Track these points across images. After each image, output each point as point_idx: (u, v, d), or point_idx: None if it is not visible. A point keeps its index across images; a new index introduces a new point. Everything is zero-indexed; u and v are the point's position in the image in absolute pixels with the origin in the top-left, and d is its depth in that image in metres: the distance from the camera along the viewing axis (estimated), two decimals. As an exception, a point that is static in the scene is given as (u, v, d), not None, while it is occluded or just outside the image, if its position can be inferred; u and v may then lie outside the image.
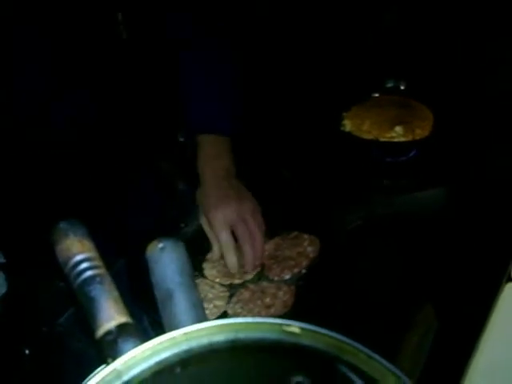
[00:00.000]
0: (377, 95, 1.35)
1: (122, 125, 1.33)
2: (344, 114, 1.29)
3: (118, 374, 0.40)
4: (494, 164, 1.14)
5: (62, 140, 1.25)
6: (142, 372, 0.40)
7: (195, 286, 0.52)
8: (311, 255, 1.03)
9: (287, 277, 1.00)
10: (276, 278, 1.01)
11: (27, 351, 0.98)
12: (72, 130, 1.27)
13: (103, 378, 0.40)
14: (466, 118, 1.22)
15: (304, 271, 1.01)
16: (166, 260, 0.51)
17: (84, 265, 0.49)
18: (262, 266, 1.04)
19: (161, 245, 0.52)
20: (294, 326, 0.41)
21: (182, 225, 1.16)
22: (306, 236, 1.06)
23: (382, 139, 1.21)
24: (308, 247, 1.04)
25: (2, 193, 1.24)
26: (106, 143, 1.28)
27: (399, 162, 1.21)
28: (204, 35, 1.26)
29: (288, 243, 1.06)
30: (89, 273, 0.48)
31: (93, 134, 1.27)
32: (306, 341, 0.40)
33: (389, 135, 1.21)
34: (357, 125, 1.25)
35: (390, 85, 1.36)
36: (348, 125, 1.26)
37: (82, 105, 1.29)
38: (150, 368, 0.41)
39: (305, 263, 1.01)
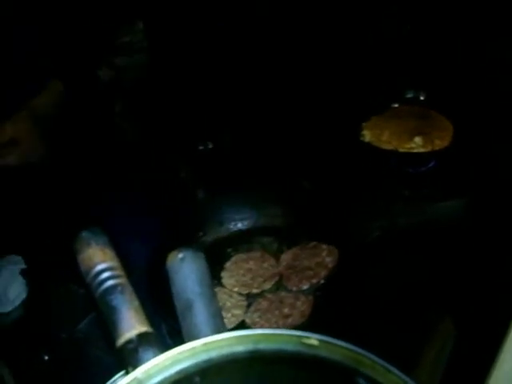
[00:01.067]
0: (396, 106, 1.35)
1: (142, 134, 1.34)
2: (363, 124, 1.29)
3: (138, 382, 0.41)
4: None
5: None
6: (163, 381, 0.41)
7: (215, 296, 0.52)
8: (330, 265, 1.02)
9: (305, 287, 1.00)
10: (294, 288, 1.01)
11: (46, 357, 0.98)
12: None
13: (124, 386, 0.40)
14: (486, 128, 1.21)
15: (322, 281, 1.01)
16: (186, 270, 0.52)
17: (106, 274, 0.49)
18: (281, 275, 1.04)
19: (181, 255, 0.52)
20: (313, 338, 0.41)
21: (201, 233, 1.16)
22: (324, 246, 1.06)
23: (401, 150, 1.21)
24: (326, 257, 1.04)
25: (25, 199, 1.26)
26: (126, 151, 1.30)
27: (418, 172, 1.21)
28: None
29: (306, 253, 1.06)
30: (110, 282, 0.49)
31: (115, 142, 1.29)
32: (324, 353, 0.40)
33: (408, 146, 1.21)
34: (376, 135, 1.25)
35: (409, 95, 1.36)
36: (367, 135, 1.26)
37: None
38: (170, 377, 0.41)
39: (323, 273, 1.01)
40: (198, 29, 1.46)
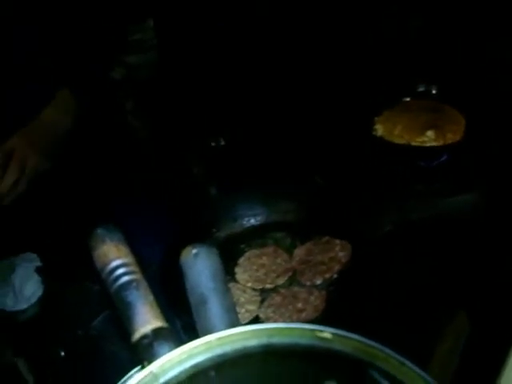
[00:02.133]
0: (408, 99, 1.35)
1: (154, 132, 1.35)
2: (376, 118, 1.29)
3: (154, 376, 0.41)
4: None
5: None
6: (178, 375, 0.41)
7: (228, 292, 0.53)
8: (343, 260, 1.02)
9: (319, 282, 1.01)
10: (308, 283, 1.01)
11: (62, 353, 0.99)
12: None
13: (140, 381, 0.41)
14: (498, 121, 1.20)
15: (335, 276, 1.01)
16: (199, 266, 0.52)
17: (121, 270, 0.50)
18: (294, 270, 1.05)
19: (195, 251, 0.53)
20: (326, 332, 0.41)
21: (214, 229, 1.17)
22: (337, 241, 1.06)
23: (413, 144, 1.21)
24: (339, 252, 1.04)
25: (40, 197, 1.27)
26: (139, 149, 1.30)
27: (430, 166, 1.21)
28: None
29: (320, 248, 1.06)
30: (125, 278, 0.50)
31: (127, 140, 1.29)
32: (337, 346, 0.41)
33: (420, 140, 1.21)
34: (388, 129, 1.25)
35: (421, 89, 1.36)
36: (380, 129, 1.26)
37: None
38: (185, 371, 0.42)
39: (336, 268, 1.02)
40: (208, 26, 1.46)
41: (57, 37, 1.28)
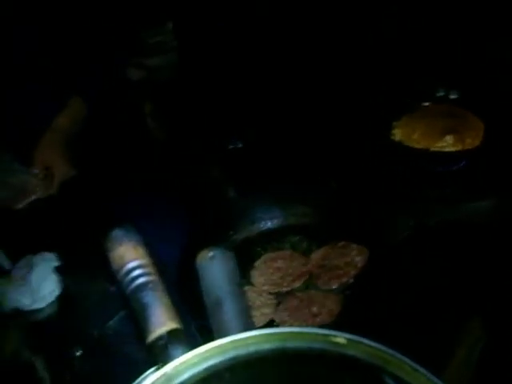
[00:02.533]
0: (427, 104, 1.34)
1: (173, 134, 1.35)
2: (394, 123, 1.29)
3: (168, 378, 0.41)
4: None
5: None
6: (192, 377, 0.42)
7: (243, 295, 0.53)
8: (359, 265, 1.02)
9: (335, 286, 1.00)
10: (324, 287, 1.01)
11: (78, 352, 1.00)
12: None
13: (154, 382, 0.41)
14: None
15: (351, 281, 1.01)
16: (215, 269, 0.52)
17: (137, 271, 0.50)
18: (310, 274, 1.05)
19: (211, 253, 0.53)
20: (340, 337, 0.41)
21: (231, 232, 1.17)
22: (354, 246, 1.06)
23: (431, 149, 1.20)
24: (356, 257, 1.04)
25: (58, 198, 1.28)
26: (157, 151, 1.31)
27: (449, 171, 1.20)
28: None
29: (336, 252, 1.06)
30: (142, 279, 0.50)
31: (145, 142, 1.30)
32: (351, 351, 0.41)
33: (439, 145, 1.20)
34: (407, 134, 1.25)
35: (440, 94, 1.35)
36: (398, 134, 1.26)
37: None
38: (198, 373, 0.42)
39: (352, 273, 1.01)
40: (226, 28, 1.47)
41: (63, 38, 1.30)
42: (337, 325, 0.91)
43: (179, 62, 1.56)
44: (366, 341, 0.41)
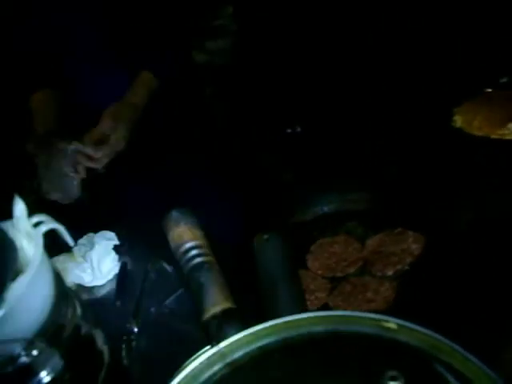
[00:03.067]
0: (490, 90, 1.31)
1: (233, 117, 1.36)
2: (455, 109, 1.26)
3: (222, 355, 0.43)
4: None
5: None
6: (245, 355, 0.43)
7: (298, 278, 0.54)
8: (415, 252, 1.01)
9: (390, 273, 1.00)
10: (378, 274, 1.01)
11: (136, 329, 1.03)
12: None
13: (208, 358, 0.42)
14: None
15: (407, 268, 1.00)
16: (271, 252, 0.53)
17: (194, 252, 0.52)
18: (365, 260, 1.04)
19: (267, 236, 0.54)
20: (392, 323, 0.41)
21: (288, 216, 1.17)
22: (410, 233, 1.05)
23: (493, 136, 1.18)
24: (412, 244, 1.03)
25: (117, 180, 1.31)
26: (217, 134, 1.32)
27: (511, 160, 1.17)
28: None
29: (392, 239, 1.05)
30: (198, 260, 0.51)
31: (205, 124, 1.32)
32: (402, 337, 0.41)
33: (501, 132, 1.17)
34: (468, 121, 1.22)
35: (504, 80, 1.32)
36: (459, 120, 1.23)
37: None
38: (252, 352, 0.43)
39: (408, 260, 1.00)
40: (289, 14, 1.46)
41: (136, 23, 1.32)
42: (391, 311, 0.91)
43: (239, 46, 1.57)
44: (417, 327, 0.41)
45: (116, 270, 1.17)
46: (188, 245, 0.52)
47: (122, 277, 1.16)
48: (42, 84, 1.39)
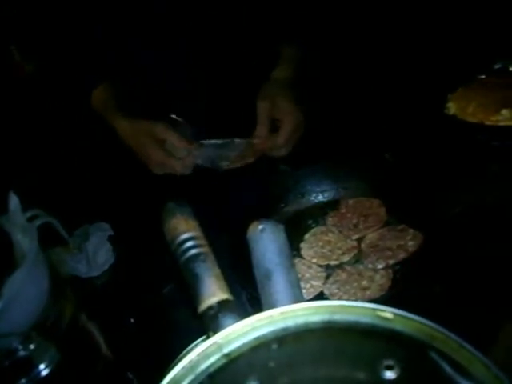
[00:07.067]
0: (483, 77, 1.31)
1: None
2: (449, 95, 1.26)
3: (218, 346, 0.43)
4: None
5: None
6: (241, 346, 0.43)
7: (293, 267, 0.54)
8: (410, 250, 1.00)
9: (380, 266, 0.99)
10: (370, 266, 1.00)
11: (132, 320, 1.03)
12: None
13: (205, 350, 0.42)
14: None
15: (398, 263, 0.99)
16: (265, 241, 0.53)
17: (189, 243, 0.52)
18: (360, 250, 1.04)
19: (261, 226, 0.54)
20: (387, 312, 0.42)
21: (282, 204, 1.18)
22: (411, 231, 1.04)
23: (487, 122, 1.18)
24: (409, 241, 1.01)
25: (114, 170, 1.31)
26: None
27: (505, 146, 1.17)
28: None
29: (392, 235, 1.05)
30: (193, 251, 0.51)
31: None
32: (398, 326, 0.41)
33: (495, 118, 1.17)
34: (462, 107, 1.22)
35: (497, 66, 1.32)
36: (452, 107, 1.23)
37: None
38: (248, 343, 0.43)
39: (401, 256, 0.99)
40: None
41: None
42: (386, 299, 0.91)
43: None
44: (413, 316, 0.41)
45: (111, 260, 1.17)
46: (183, 236, 0.52)
47: (118, 268, 1.16)
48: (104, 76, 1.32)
